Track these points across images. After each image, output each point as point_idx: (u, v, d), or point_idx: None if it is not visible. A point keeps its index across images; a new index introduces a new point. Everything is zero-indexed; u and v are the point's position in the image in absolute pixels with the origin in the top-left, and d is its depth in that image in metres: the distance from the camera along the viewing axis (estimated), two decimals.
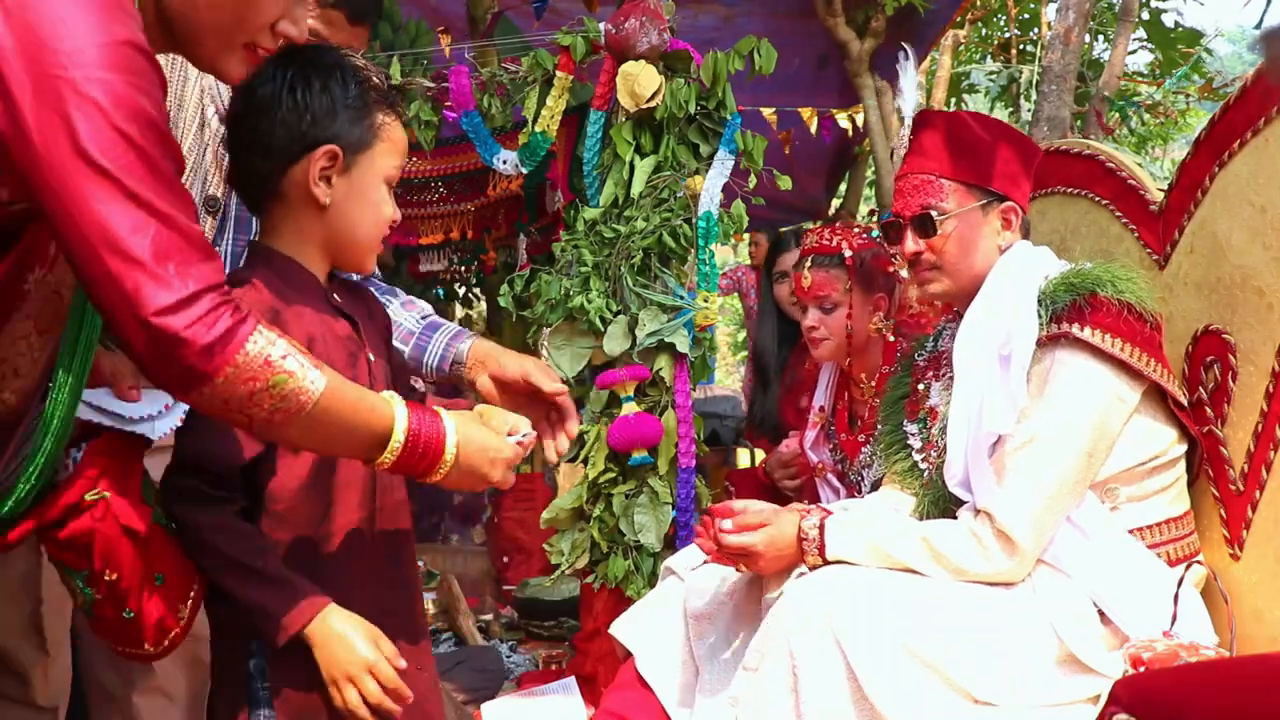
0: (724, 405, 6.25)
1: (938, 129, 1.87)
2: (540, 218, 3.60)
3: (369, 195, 1.44)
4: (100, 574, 1.27)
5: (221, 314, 1.11)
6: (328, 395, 1.19)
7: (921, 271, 1.89)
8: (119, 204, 1.06)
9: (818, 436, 2.63)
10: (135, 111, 1.07)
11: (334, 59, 1.43)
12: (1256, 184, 1.76)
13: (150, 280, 1.06)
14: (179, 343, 1.08)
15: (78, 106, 1.04)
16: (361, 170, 1.43)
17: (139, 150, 1.07)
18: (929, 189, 1.85)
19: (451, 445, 1.33)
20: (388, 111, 1.44)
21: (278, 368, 1.14)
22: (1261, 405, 1.72)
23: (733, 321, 13.46)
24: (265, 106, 1.39)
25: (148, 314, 1.06)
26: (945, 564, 1.66)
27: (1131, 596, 1.65)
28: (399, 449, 1.28)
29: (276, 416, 1.16)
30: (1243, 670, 1.39)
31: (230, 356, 1.11)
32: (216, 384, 1.11)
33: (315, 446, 1.31)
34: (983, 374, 1.72)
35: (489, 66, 3.12)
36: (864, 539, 1.70)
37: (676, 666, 1.95)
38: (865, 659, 1.55)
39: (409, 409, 1.31)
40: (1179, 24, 6.69)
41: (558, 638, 3.59)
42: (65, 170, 1.05)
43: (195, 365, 1.09)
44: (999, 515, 1.65)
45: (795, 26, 4.74)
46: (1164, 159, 9.57)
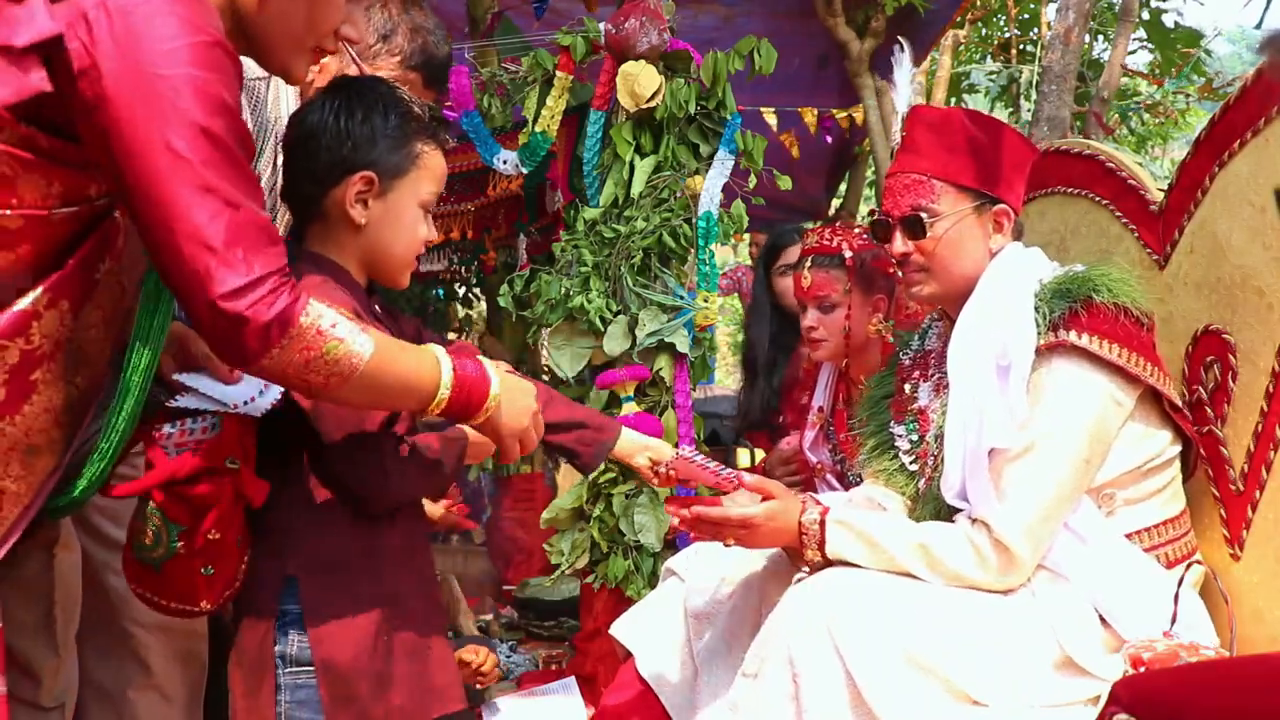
0: (724, 405, 6.25)
1: (932, 127, 1.83)
2: (540, 218, 3.59)
3: (403, 218, 1.56)
4: (204, 532, 1.40)
5: (280, 293, 1.22)
6: (377, 355, 1.30)
7: (910, 273, 1.85)
8: (199, 195, 1.17)
9: (817, 437, 2.63)
10: (219, 107, 1.19)
11: (379, 91, 1.56)
12: (1256, 184, 1.76)
13: (221, 265, 1.18)
14: (242, 322, 1.19)
15: (170, 103, 1.16)
16: (398, 195, 1.55)
17: (220, 144, 1.19)
18: (920, 189, 1.80)
19: (496, 383, 1.45)
20: (427, 141, 1.56)
21: (329, 336, 1.26)
22: (1261, 405, 1.72)
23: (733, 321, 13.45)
24: (313, 133, 1.52)
25: (215, 296, 1.18)
26: (941, 570, 1.65)
27: (1130, 599, 1.64)
28: (450, 389, 1.40)
29: (333, 380, 1.28)
30: (1243, 670, 1.39)
31: (286, 330, 1.22)
32: (274, 355, 1.23)
33: (373, 403, 1.42)
34: (980, 384, 1.69)
35: (489, 66, 3.13)
36: (863, 540, 1.68)
37: (676, 667, 1.95)
38: (864, 664, 1.55)
39: (450, 355, 1.43)
40: (1179, 24, 6.69)
41: (558, 638, 3.59)
42: (155, 163, 1.16)
43: (252, 342, 1.21)
44: (996, 526, 1.64)
45: (795, 26, 4.74)
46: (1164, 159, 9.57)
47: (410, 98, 1.59)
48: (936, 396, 1.91)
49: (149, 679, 1.82)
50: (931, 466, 1.84)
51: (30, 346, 1.21)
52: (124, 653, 1.82)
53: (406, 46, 1.76)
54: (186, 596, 1.45)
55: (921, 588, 1.68)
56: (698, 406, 2.98)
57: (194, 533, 1.40)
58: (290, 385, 1.31)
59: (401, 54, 1.75)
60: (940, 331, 1.99)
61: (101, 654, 1.80)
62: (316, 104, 1.54)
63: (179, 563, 1.41)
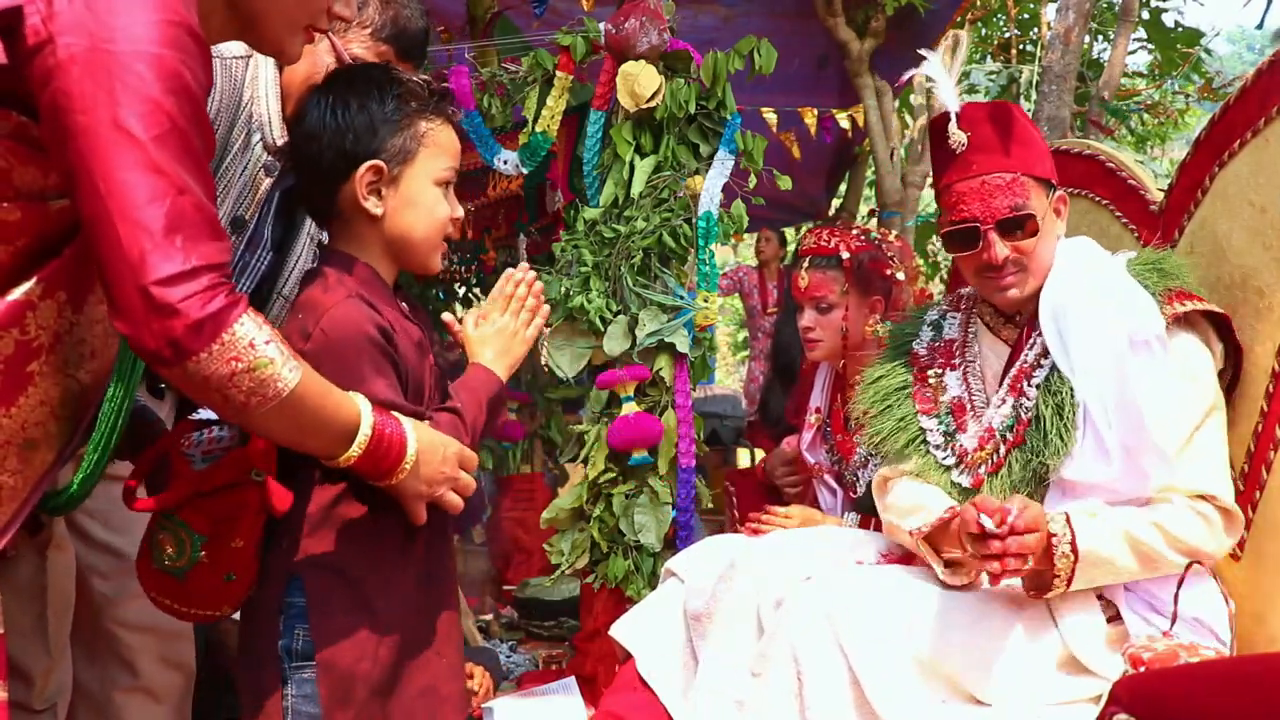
0: (724, 405, 6.26)
1: (997, 123, 1.77)
2: (540, 218, 3.60)
3: (420, 200, 1.52)
4: (227, 540, 1.38)
5: (218, 293, 1.15)
6: (302, 386, 1.23)
7: (1005, 276, 1.78)
8: (142, 173, 1.11)
9: (814, 438, 2.63)
10: (177, 87, 1.13)
11: (371, 76, 1.53)
12: (1256, 184, 1.76)
13: (156, 250, 1.11)
14: (172, 313, 1.12)
15: (121, 77, 1.11)
16: (410, 178, 1.51)
17: (173, 124, 1.13)
18: (1014, 189, 1.74)
19: (413, 442, 1.39)
20: (431, 118, 1.52)
21: (260, 352, 1.18)
22: (1261, 405, 1.72)
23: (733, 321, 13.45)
24: (314, 133, 1.50)
25: (148, 281, 1.11)
26: (1180, 546, 1.61)
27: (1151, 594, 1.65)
28: (365, 443, 1.34)
29: (252, 400, 1.20)
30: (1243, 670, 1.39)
31: (218, 334, 1.15)
32: (200, 359, 1.15)
33: (285, 436, 1.32)
34: (1115, 363, 1.65)
35: (489, 66, 3.12)
36: (1111, 528, 1.61)
37: (677, 667, 1.95)
38: (868, 663, 1.55)
39: (374, 408, 1.36)
40: (1179, 24, 6.69)
41: (558, 638, 3.59)
42: (99, 136, 1.10)
43: (183, 338, 1.13)
44: (1215, 493, 1.64)
45: (795, 26, 4.74)
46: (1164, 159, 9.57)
47: (408, 76, 1.55)
48: (965, 386, 1.89)
49: (136, 681, 1.82)
50: (991, 464, 1.80)
51: (26, 337, 1.19)
52: (109, 655, 1.82)
53: (377, 19, 1.72)
54: (209, 604, 1.44)
55: (924, 587, 1.68)
56: (698, 406, 2.98)
57: (218, 542, 1.39)
58: (207, 399, 1.21)
59: (372, 25, 1.72)
60: (960, 320, 1.98)
61: (87, 657, 1.79)
62: (311, 103, 1.51)
63: (202, 571, 1.40)
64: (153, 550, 1.42)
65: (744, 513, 2.62)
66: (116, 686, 1.81)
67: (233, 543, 1.39)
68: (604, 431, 2.73)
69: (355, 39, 1.71)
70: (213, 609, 1.46)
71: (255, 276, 1.81)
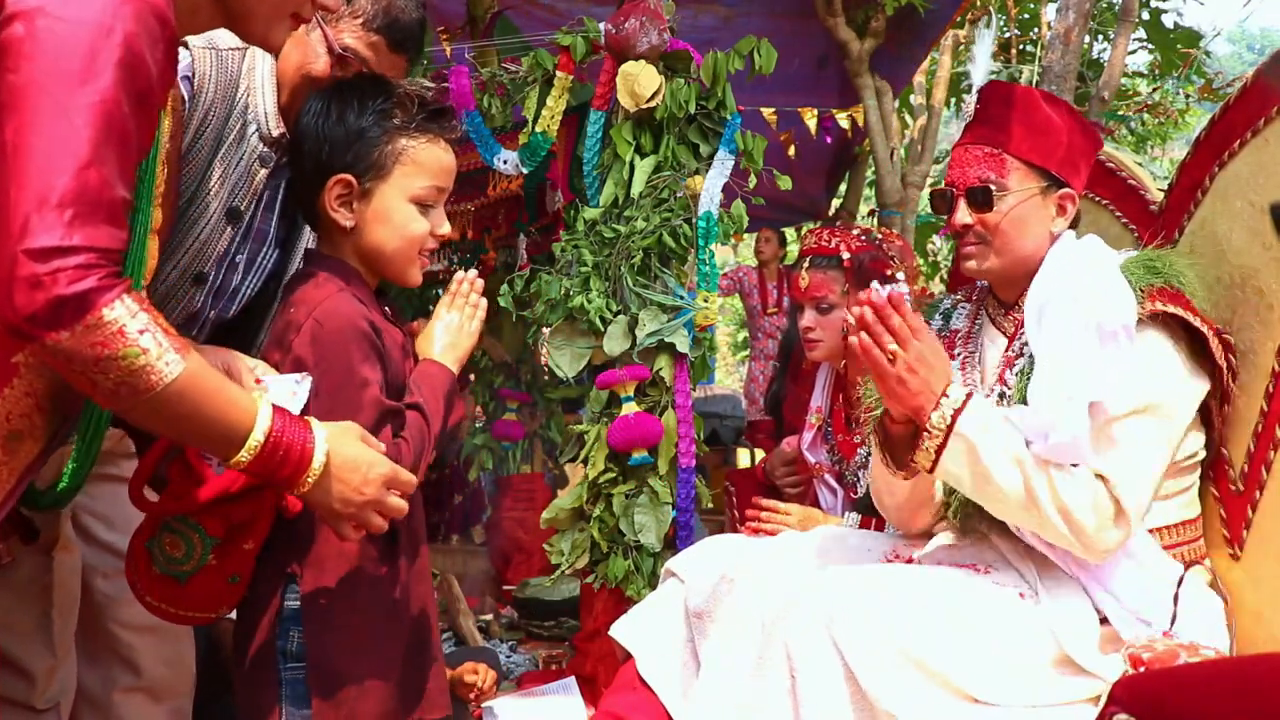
0: (724, 405, 6.26)
1: (1009, 102, 1.80)
2: (540, 218, 3.59)
3: (392, 217, 1.52)
4: (240, 543, 1.37)
5: (91, 274, 1.09)
6: (183, 380, 1.17)
7: (967, 245, 1.83)
8: (55, 142, 1.07)
9: (815, 437, 2.64)
10: (122, 62, 1.10)
11: (362, 88, 1.53)
12: (1256, 184, 1.76)
13: (39, 218, 1.07)
14: (36, 283, 1.07)
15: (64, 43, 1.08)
16: (382, 194, 1.52)
17: (110, 101, 1.09)
18: (991, 162, 1.79)
19: (320, 455, 1.31)
20: (414, 135, 1.52)
21: (131, 340, 1.13)
22: (1261, 405, 1.72)
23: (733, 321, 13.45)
24: (300, 139, 1.54)
25: (21, 247, 1.06)
26: (1060, 506, 1.58)
27: (1142, 596, 1.65)
28: (257, 448, 1.26)
29: (122, 390, 1.15)
30: (1243, 670, 1.39)
31: (81, 316, 1.09)
32: (61, 338, 1.10)
33: (163, 429, 1.28)
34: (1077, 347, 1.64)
35: (489, 66, 3.12)
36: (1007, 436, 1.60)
37: (677, 667, 1.95)
38: (863, 661, 1.55)
39: (275, 412, 1.29)
40: (1179, 24, 6.69)
41: (558, 638, 3.59)
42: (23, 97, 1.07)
43: (40, 313, 1.08)
44: (1117, 484, 1.59)
45: (795, 26, 4.73)
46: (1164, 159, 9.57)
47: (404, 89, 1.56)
48: (962, 375, 1.89)
49: (137, 681, 1.82)
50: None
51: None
52: (110, 656, 1.82)
53: (370, 8, 1.71)
54: (208, 606, 1.44)
55: (921, 584, 1.68)
56: (698, 406, 2.98)
57: (229, 545, 1.38)
58: (77, 381, 1.16)
59: (364, 15, 1.70)
60: (969, 312, 1.98)
61: (88, 657, 1.79)
62: (305, 109, 1.54)
63: (208, 574, 1.39)
64: (153, 553, 1.40)
65: (744, 513, 2.63)
66: (117, 687, 1.81)
67: (244, 545, 1.39)
68: (604, 431, 2.73)
69: (347, 29, 1.70)
70: (211, 611, 1.46)
71: (262, 273, 1.81)
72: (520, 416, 4.56)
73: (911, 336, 1.61)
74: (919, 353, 1.60)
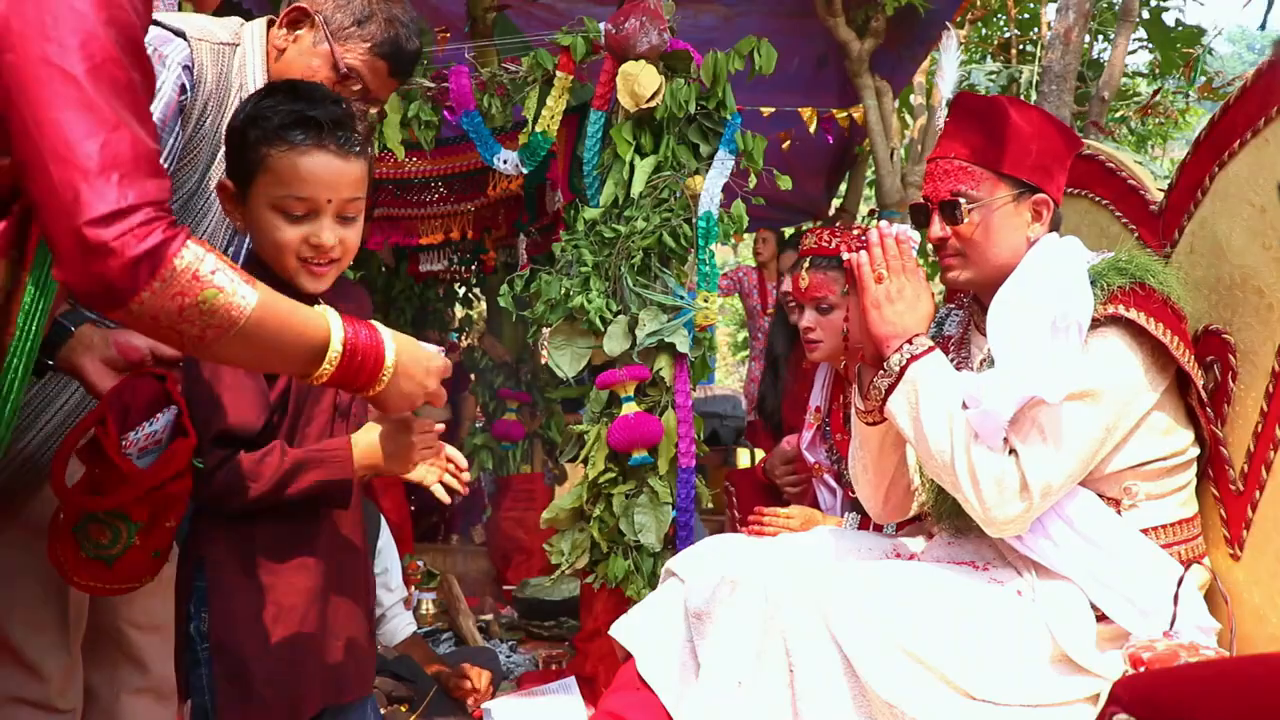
0: (724, 405, 6.26)
1: (975, 113, 1.83)
2: (540, 218, 3.60)
3: (261, 222, 1.53)
4: (161, 522, 1.40)
5: (154, 228, 1.10)
6: (260, 309, 1.19)
7: (945, 257, 1.86)
8: (76, 110, 1.07)
9: (814, 437, 2.64)
10: (112, 18, 1.10)
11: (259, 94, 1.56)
12: (1256, 184, 1.76)
13: (89, 189, 1.07)
14: (107, 253, 1.07)
15: (51, 10, 1.07)
16: (252, 200, 1.53)
17: (108, 56, 1.09)
18: (960, 174, 1.81)
19: (391, 354, 1.36)
20: (278, 144, 1.50)
21: (206, 282, 1.14)
22: (1261, 405, 1.72)
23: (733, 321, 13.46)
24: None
25: (80, 222, 1.06)
26: (970, 470, 1.64)
27: (1136, 597, 1.65)
28: (337, 359, 1.30)
29: (209, 333, 1.16)
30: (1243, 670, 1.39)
31: (157, 270, 1.10)
32: (144, 298, 1.10)
33: (252, 362, 1.32)
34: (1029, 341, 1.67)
35: (489, 66, 3.12)
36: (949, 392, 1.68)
37: (677, 667, 1.95)
38: (862, 656, 1.56)
39: (344, 320, 1.32)
40: (1179, 23, 6.69)
41: (558, 638, 3.59)
42: (29, 74, 1.07)
43: (118, 279, 1.08)
44: (1026, 460, 1.63)
45: (795, 26, 4.74)
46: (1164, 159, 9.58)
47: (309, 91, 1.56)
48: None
49: (145, 680, 1.82)
50: None
51: None
52: (119, 656, 1.81)
53: (379, 35, 1.78)
54: (134, 579, 1.46)
55: (918, 579, 1.69)
56: (698, 406, 2.98)
57: (151, 526, 1.40)
58: (164, 336, 1.17)
59: (373, 41, 1.78)
60: (962, 319, 1.99)
61: (94, 659, 1.78)
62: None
63: (133, 553, 1.40)
64: (80, 540, 1.40)
65: (744, 513, 2.63)
66: (126, 688, 1.80)
67: (166, 523, 1.42)
68: (604, 431, 2.73)
69: (355, 50, 1.77)
70: (135, 582, 1.47)
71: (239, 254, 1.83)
72: (520, 416, 4.56)
73: (901, 270, 1.75)
74: (901, 286, 1.75)
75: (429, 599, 3.71)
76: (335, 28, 1.77)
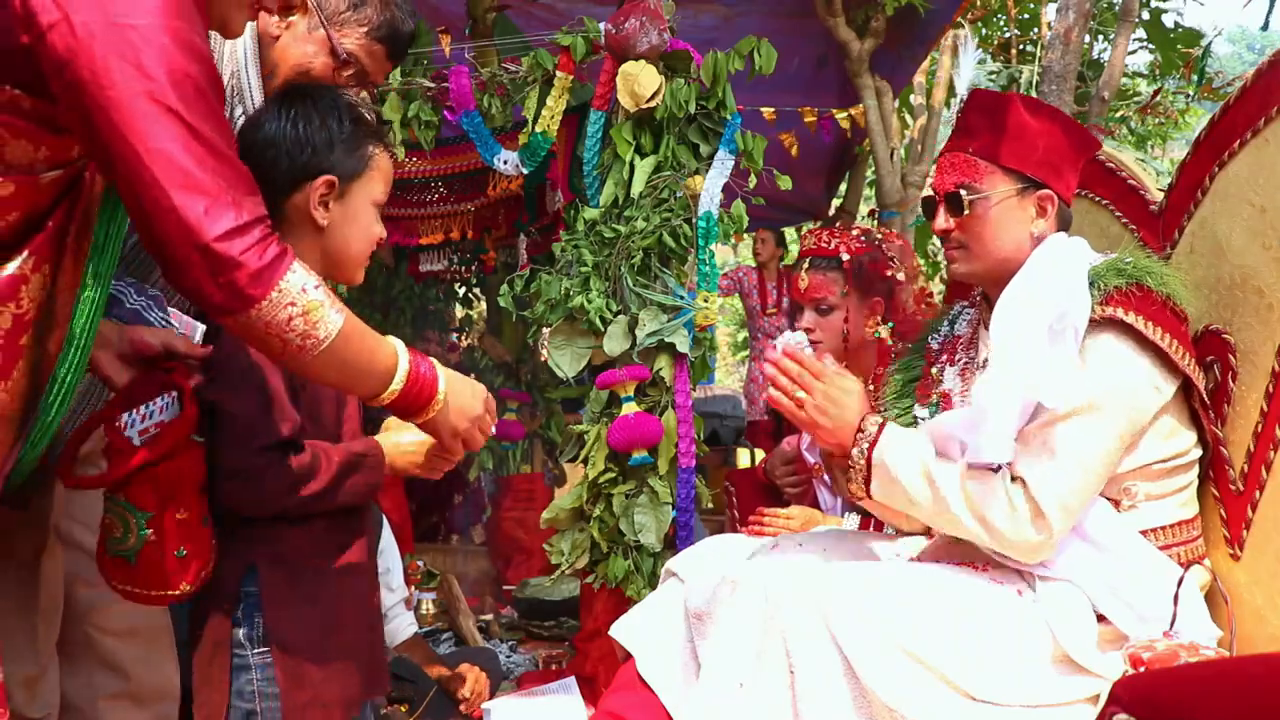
0: (724, 405, 6.26)
1: (985, 109, 1.84)
2: (540, 218, 3.59)
3: (360, 218, 1.63)
4: (171, 513, 1.44)
5: (271, 242, 1.22)
6: (347, 327, 1.31)
7: (949, 250, 1.87)
8: (184, 141, 1.17)
9: None
10: (195, 54, 1.20)
11: (330, 98, 1.63)
12: (1256, 184, 1.76)
13: (213, 209, 1.18)
14: (235, 266, 1.19)
15: (144, 50, 1.15)
16: (354, 196, 1.62)
17: (199, 89, 1.19)
18: (966, 168, 1.82)
19: (443, 383, 1.48)
20: (377, 144, 1.64)
21: (310, 295, 1.26)
22: (1261, 405, 1.72)
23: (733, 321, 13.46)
24: (271, 141, 1.59)
25: (209, 239, 1.17)
26: (977, 514, 1.66)
27: (1137, 597, 1.64)
28: (405, 380, 1.42)
29: (307, 343, 1.27)
30: (1243, 670, 1.39)
31: (274, 281, 1.22)
32: (262, 306, 1.23)
33: (335, 377, 1.40)
34: (1027, 345, 1.67)
35: (489, 66, 3.12)
36: (917, 456, 1.71)
37: (678, 667, 1.95)
38: (862, 657, 1.56)
39: (408, 349, 1.45)
40: (1179, 24, 6.69)
41: (558, 638, 3.59)
42: (133, 110, 1.15)
43: (247, 288, 1.20)
44: (1034, 485, 1.63)
45: (795, 26, 4.73)
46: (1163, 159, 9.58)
47: (359, 102, 1.68)
48: (960, 380, 1.91)
49: (123, 686, 1.81)
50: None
51: (20, 311, 1.22)
52: (93, 662, 1.80)
53: (376, 18, 1.78)
54: (165, 582, 1.47)
55: (919, 580, 1.68)
56: (698, 406, 2.98)
57: (163, 517, 1.43)
58: (265, 345, 1.28)
59: (370, 25, 1.78)
60: (971, 318, 1.99)
61: (70, 665, 1.77)
62: (272, 113, 1.61)
63: (152, 550, 1.44)
64: (105, 536, 1.45)
65: (744, 513, 2.62)
66: (101, 694, 1.79)
67: (178, 514, 1.44)
68: (604, 431, 2.73)
69: (352, 35, 1.76)
70: (171, 588, 1.48)
71: None
72: (520, 416, 4.56)
73: (815, 380, 1.77)
74: (825, 394, 1.76)
75: (429, 599, 3.70)
76: (330, 12, 1.75)
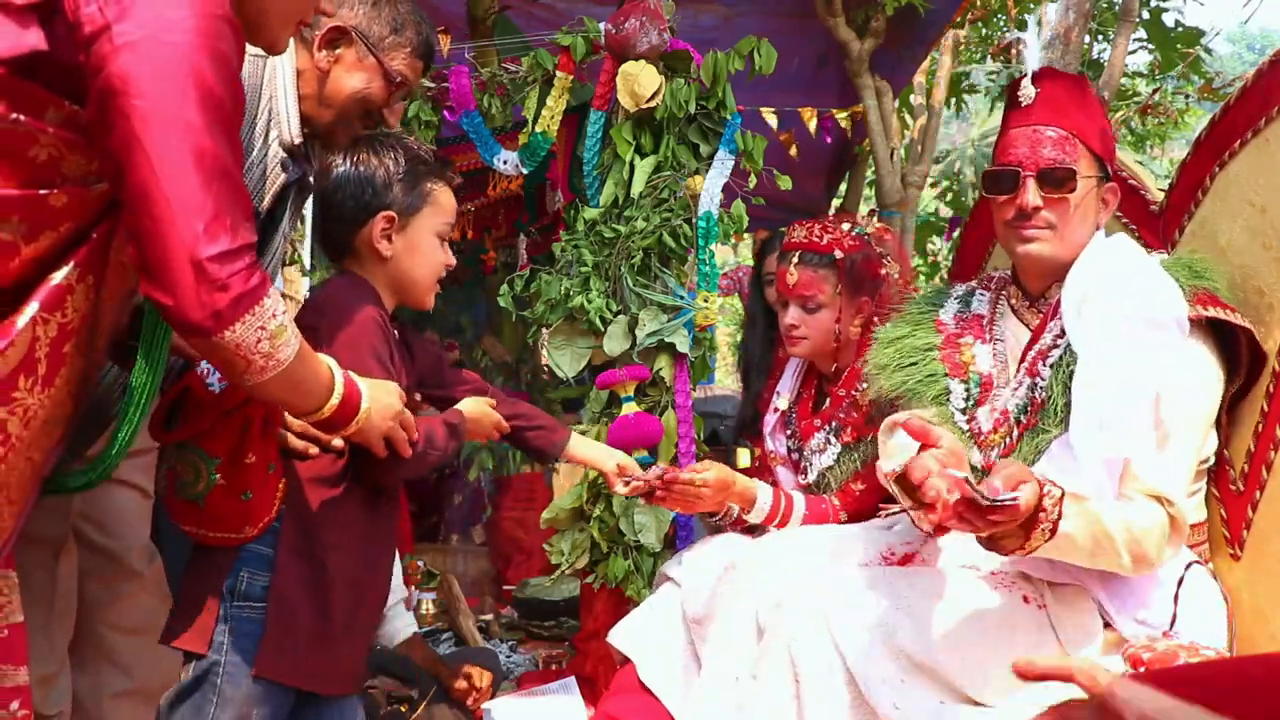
0: (724, 405, 6.25)
1: (1068, 88, 1.76)
2: (540, 218, 3.60)
3: (422, 248, 1.82)
4: (241, 458, 1.54)
5: (256, 270, 1.27)
6: (301, 349, 1.37)
7: (1031, 229, 1.75)
8: (198, 158, 1.21)
9: (776, 424, 2.52)
10: (227, 76, 1.24)
11: (389, 140, 1.81)
12: (1257, 184, 1.76)
13: (211, 228, 1.21)
14: (222, 287, 1.23)
15: (181, 67, 1.20)
16: (415, 228, 1.80)
17: (223, 112, 1.24)
18: (1064, 145, 1.74)
19: (366, 395, 1.53)
20: (436, 180, 1.82)
21: (278, 319, 1.31)
22: (1261, 405, 1.72)
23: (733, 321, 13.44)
24: (339, 184, 1.78)
25: (203, 256, 1.21)
26: (1135, 549, 1.55)
27: (1139, 600, 1.64)
28: (339, 399, 1.47)
29: (269, 364, 1.32)
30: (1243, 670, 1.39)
31: (252, 307, 1.26)
32: (235, 329, 1.26)
33: (282, 395, 1.43)
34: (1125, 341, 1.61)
35: (489, 66, 3.12)
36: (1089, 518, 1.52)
37: (678, 671, 1.95)
38: (865, 664, 1.55)
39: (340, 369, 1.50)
40: (1179, 24, 6.68)
41: (558, 638, 3.59)
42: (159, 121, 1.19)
43: (226, 310, 1.24)
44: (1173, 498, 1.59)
45: (795, 26, 4.73)
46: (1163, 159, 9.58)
47: (418, 144, 1.84)
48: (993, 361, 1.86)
49: (129, 684, 1.81)
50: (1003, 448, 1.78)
51: (65, 320, 1.25)
52: (102, 660, 1.81)
53: (415, 38, 1.86)
54: (230, 525, 1.56)
55: (921, 585, 1.68)
56: (698, 406, 2.98)
57: (231, 462, 1.53)
58: (229, 364, 1.31)
59: (411, 45, 1.86)
60: (989, 299, 1.96)
61: (79, 663, 1.78)
62: (340, 160, 1.78)
63: (220, 494, 1.54)
64: (175, 480, 1.56)
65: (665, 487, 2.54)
66: (109, 691, 1.80)
67: (246, 459, 1.54)
68: (604, 431, 2.73)
69: (399, 56, 1.84)
70: (235, 530, 1.57)
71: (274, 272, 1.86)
72: None
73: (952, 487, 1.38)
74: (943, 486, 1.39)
75: (429, 599, 3.70)
76: (375, 39, 1.82)
